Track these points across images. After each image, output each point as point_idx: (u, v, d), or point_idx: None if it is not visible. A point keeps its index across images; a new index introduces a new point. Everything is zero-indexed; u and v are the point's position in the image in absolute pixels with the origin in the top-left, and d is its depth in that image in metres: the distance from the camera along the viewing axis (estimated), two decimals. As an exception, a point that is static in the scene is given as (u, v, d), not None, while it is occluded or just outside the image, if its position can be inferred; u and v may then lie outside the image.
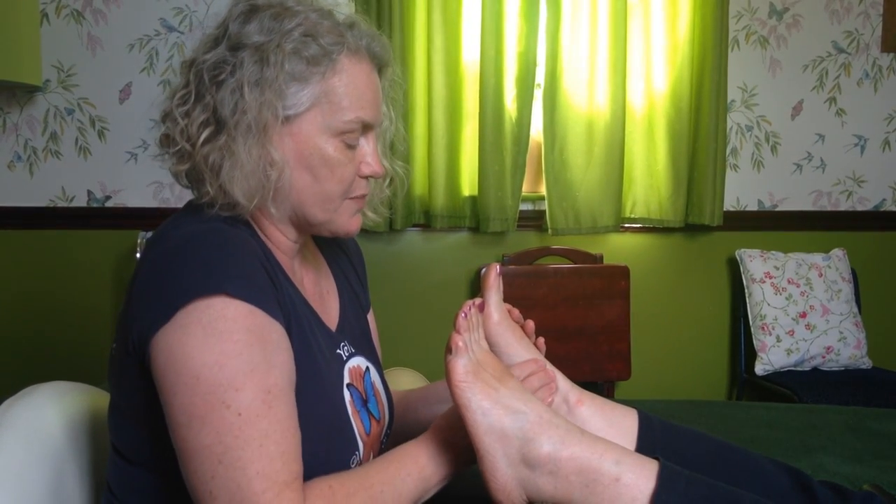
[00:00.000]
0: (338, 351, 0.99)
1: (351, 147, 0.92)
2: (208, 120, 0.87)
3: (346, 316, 1.06)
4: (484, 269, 2.60)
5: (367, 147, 0.94)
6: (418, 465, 0.89)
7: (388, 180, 1.05)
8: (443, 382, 1.07)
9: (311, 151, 0.89)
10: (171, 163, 0.91)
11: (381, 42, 0.94)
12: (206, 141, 0.86)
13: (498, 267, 1.04)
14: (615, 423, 1.03)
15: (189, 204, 0.95)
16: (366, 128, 0.93)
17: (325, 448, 0.89)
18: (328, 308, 1.04)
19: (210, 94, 0.87)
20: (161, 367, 0.80)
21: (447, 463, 0.90)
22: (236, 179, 0.86)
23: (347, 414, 0.95)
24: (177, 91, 0.90)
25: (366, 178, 0.95)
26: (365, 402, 1.00)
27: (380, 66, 0.96)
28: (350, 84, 0.89)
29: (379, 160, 0.95)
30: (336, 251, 1.15)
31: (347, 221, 0.95)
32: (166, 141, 0.91)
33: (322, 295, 1.05)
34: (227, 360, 0.78)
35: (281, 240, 0.96)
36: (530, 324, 1.08)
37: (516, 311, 1.08)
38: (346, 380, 0.98)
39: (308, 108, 0.88)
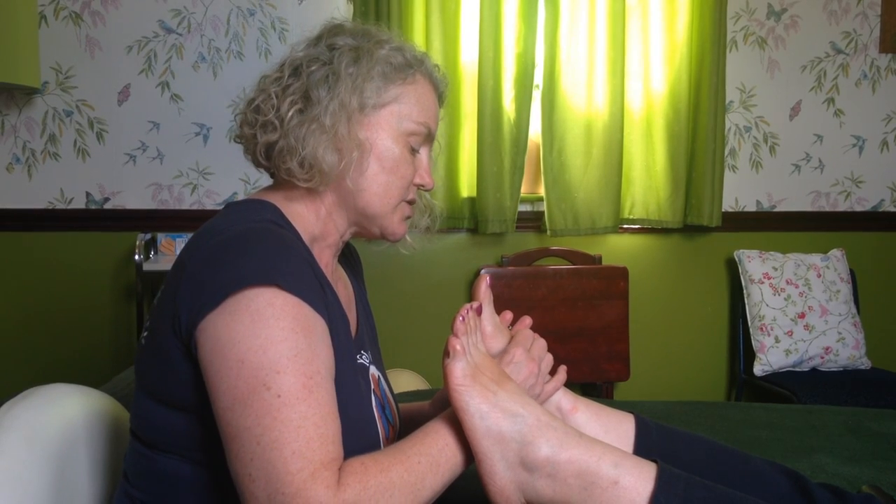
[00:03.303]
0: (360, 361, 1.01)
1: (414, 152, 1.01)
2: (299, 99, 0.95)
3: (362, 325, 1.09)
4: (484, 270, 2.61)
5: (424, 160, 1.04)
6: (448, 440, 0.87)
7: (427, 213, 1.12)
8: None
9: (382, 143, 0.97)
10: (258, 135, 0.96)
11: (445, 80, 1.07)
12: (296, 115, 0.95)
13: (488, 278, 1.05)
14: (612, 429, 1.03)
15: (228, 206, 0.98)
16: (427, 138, 1.02)
17: (356, 451, 0.89)
18: (352, 317, 1.07)
19: (303, 78, 0.96)
20: (208, 353, 0.81)
21: (466, 447, 0.88)
22: (320, 150, 0.93)
23: (375, 419, 0.97)
24: (270, 76, 0.99)
25: (418, 187, 1.03)
26: (383, 409, 1.02)
27: (439, 98, 1.06)
28: (423, 95, 1.01)
29: (432, 175, 1.04)
30: (351, 261, 1.18)
31: (398, 223, 1.03)
32: (254, 115, 0.97)
33: (350, 303, 1.08)
34: (272, 344, 0.79)
35: (331, 231, 1.01)
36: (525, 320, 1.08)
37: (509, 314, 1.08)
38: (372, 386, 1.00)
39: (387, 103, 0.98)
